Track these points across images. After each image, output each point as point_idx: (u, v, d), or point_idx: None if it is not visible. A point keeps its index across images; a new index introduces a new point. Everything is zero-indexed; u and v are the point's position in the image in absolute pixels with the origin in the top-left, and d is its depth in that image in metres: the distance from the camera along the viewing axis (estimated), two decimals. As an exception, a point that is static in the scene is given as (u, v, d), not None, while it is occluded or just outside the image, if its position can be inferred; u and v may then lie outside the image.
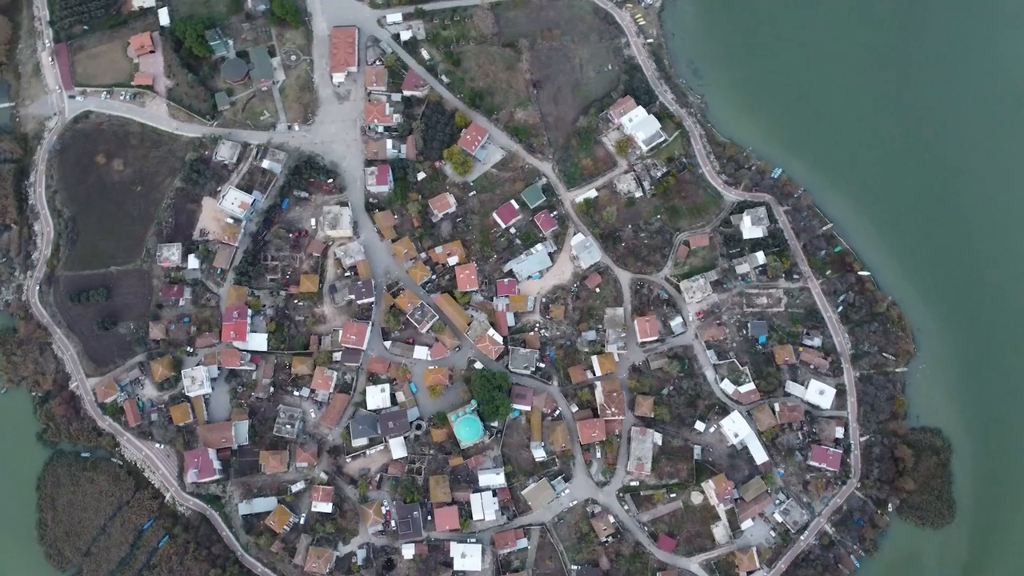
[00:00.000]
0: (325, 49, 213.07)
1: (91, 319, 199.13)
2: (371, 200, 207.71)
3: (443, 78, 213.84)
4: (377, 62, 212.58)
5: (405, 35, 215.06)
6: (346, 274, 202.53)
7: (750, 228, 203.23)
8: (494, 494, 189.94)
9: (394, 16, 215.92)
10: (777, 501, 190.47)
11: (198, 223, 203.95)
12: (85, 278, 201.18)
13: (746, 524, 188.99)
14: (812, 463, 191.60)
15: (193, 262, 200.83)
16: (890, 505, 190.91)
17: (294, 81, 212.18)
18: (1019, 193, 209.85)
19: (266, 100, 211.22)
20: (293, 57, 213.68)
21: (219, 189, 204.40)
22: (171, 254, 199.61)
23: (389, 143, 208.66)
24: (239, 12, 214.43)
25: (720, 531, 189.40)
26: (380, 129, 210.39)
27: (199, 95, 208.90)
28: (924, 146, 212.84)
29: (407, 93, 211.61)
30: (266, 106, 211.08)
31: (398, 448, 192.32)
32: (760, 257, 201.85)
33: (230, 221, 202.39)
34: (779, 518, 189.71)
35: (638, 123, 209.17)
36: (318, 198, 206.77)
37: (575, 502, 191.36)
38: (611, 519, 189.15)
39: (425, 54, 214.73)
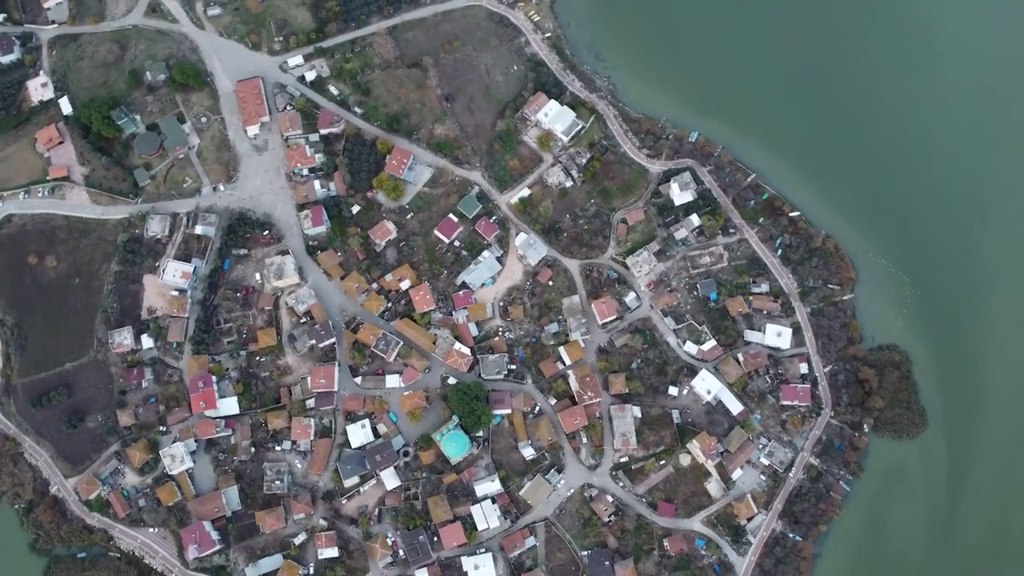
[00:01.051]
0: (233, 105, 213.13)
1: (57, 420, 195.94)
2: (311, 243, 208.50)
3: (356, 110, 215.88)
4: (288, 107, 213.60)
5: (310, 76, 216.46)
6: (302, 321, 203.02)
7: (679, 194, 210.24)
8: (493, 501, 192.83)
9: (295, 59, 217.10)
10: (760, 446, 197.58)
11: (144, 302, 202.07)
12: (43, 381, 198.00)
13: (736, 474, 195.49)
14: (785, 402, 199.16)
15: (147, 342, 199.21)
16: (865, 426, 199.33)
17: (209, 143, 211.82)
18: (922, 107, 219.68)
19: (185, 167, 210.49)
20: (203, 119, 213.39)
21: (158, 264, 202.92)
22: (123, 339, 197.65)
23: (317, 184, 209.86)
24: (140, 86, 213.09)
25: (714, 486, 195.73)
26: (305, 172, 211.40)
27: (117, 176, 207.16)
28: (826, 82, 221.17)
29: (324, 131, 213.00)
30: (187, 173, 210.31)
31: (390, 479, 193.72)
32: (695, 220, 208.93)
33: (175, 293, 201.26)
34: (765, 461, 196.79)
35: (554, 116, 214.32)
36: (258, 252, 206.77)
37: (572, 490, 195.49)
38: (609, 499, 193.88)
39: (334, 90, 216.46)
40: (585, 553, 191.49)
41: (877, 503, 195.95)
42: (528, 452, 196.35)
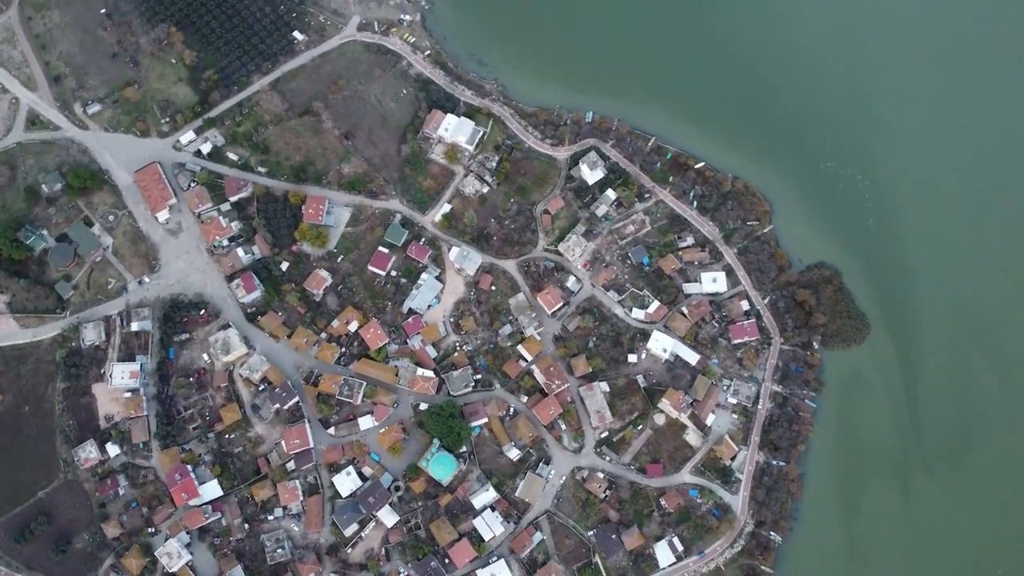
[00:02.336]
0: (137, 196, 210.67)
1: (45, 550, 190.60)
2: (249, 310, 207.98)
3: (260, 170, 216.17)
4: (192, 184, 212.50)
5: (205, 148, 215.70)
6: (261, 388, 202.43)
7: (590, 173, 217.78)
8: (492, 509, 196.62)
9: (187, 136, 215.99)
10: (724, 387, 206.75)
11: (99, 412, 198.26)
12: (20, 516, 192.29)
13: (710, 419, 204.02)
14: (736, 341, 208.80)
15: (113, 450, 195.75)
16: (815, 343, 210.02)
17: (122, 239, 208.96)
18: (789, 32, 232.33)
19: (105, 268, 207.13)
20: (111, 217, 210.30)
21: (103, 371, 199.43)
22: (89, 453, 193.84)
23: (240, 251, 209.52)
24: (39, 201, 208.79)
25: (692, 436, 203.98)
26: (225, 243, 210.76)
27: (39, 295, 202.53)
28: (693, 32, 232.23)
29: (234, 199, 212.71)
30: (108, 274, 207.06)
31: (388, 516, 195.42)
32: (611, 194, 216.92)
33: (128, 395, 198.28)
34: (733, 400, 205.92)
35: (454, 129, 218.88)
36: (200, 333, 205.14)
37: (564, 477, 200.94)
38: (600, 475, 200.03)
39: (233, 156, 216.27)
40: (591, 533, 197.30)
41: (844, 411, 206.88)
42: (513, 453, 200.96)
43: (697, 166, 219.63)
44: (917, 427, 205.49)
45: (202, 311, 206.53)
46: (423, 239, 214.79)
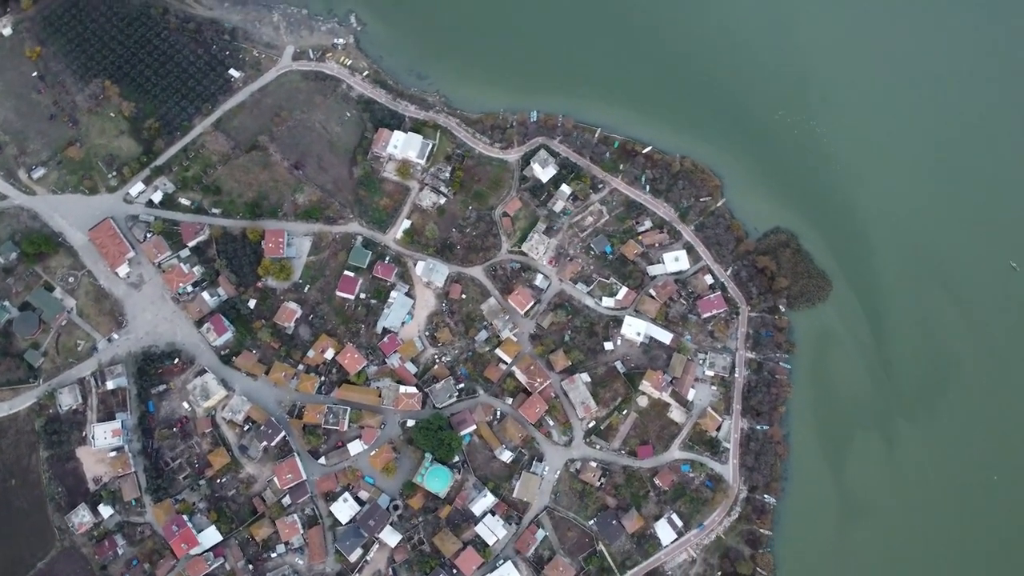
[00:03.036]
0: (94, 254, 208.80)
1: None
2: (223, 352, 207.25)
3: (214, 211, 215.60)
4: (148, 235, 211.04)
5: (156, 197, 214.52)
6: (246, 428, 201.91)
7: (542, 171, 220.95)
8: (493, 513, 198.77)
9: (136, 188, 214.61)
10: (700, 361, 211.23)
11: (87, 475, 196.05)
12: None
13: (691, 394, 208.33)
14: (705, 315, 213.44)
15: (106, 511, 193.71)
16: (781, 306, 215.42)
17: (86, 299, 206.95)
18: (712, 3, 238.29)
19: (72, 331, 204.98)
20: (71, 279, 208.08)
21: (85, 434, 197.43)
22: (82, 518, 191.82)
23: (205, 295, 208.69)
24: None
25: (676, 413, 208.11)
26: (189, 288, 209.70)
27: (9, 366, 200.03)
28: (616, 18, 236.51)
29: (192, 244, 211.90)
30: (76, 336, 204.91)
31: (391, 536, 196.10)
32: (565, 189, 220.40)
33: (113, 454, 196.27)
34: (710, 372, 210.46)
35: (403, 145, 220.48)
36: (177, 382, 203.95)
37: (558, 472, 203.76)
38: (593, 464, 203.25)
39: (185, 201, 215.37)
40: (592, 522, 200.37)
41: (818, 369, 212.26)
42: (506, 455, 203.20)
43: (645, 151, 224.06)
44: (890, 375, 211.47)
45: (176, 360, 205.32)
46: (387, 258, 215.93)
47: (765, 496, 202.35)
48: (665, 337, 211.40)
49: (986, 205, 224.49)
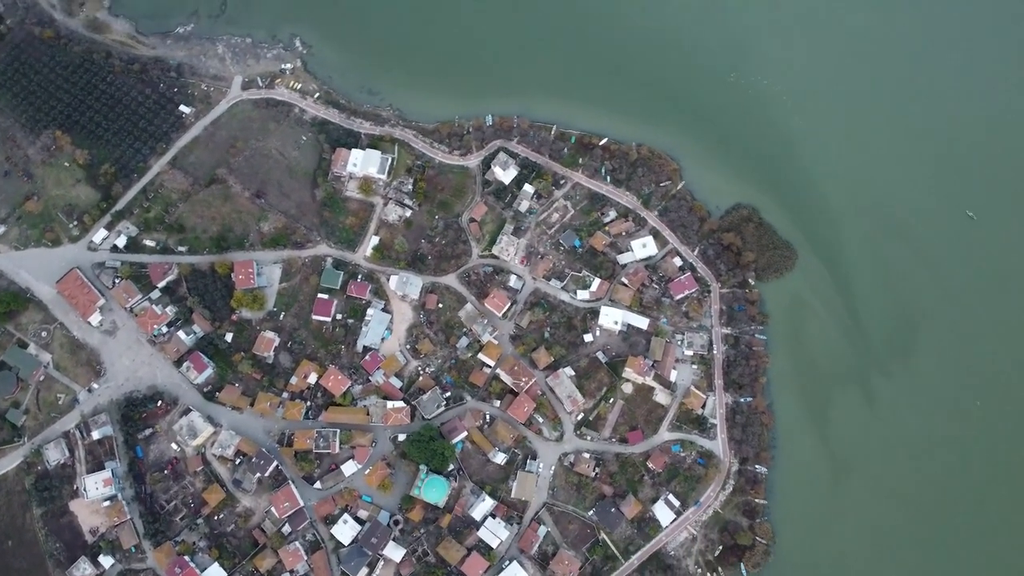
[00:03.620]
0: (64, 306, 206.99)
1: None
2: (206, 389, 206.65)
3: (180, 249, 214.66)
4: (116, 280, 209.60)
5: (121, 241, 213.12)
6: (237, 462, 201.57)
7: (504, 173, 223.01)
8: (493, 516, 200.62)
9: (99, 235, 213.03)
10: (679, 342, 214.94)
11: (83, 527, 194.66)
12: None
13: (673, 375, 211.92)
14: (678, 297, 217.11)
15: (107, 561, 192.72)
16: (750, 280, 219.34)
17: (61, 352, 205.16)
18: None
19: (51, 385, 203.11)
20: (44, 333, 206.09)
21: (76, 486, 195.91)
22: (83, 571, 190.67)
23: (181, 334, 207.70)
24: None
25: (661, 396, 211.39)
26: (164, 329, 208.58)
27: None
28: (564, 12, 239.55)
29: (161, 284, 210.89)
30: (56, 390, 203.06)
31: (394, 552, 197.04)
32: (528, 188, 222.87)
33: (107, 504, 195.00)
34: (689, 352, 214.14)
35: (362, 162, 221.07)
36: (162, 424, 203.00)
37: (553, 467, 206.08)
38: (586, 456, 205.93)
39: (150, 242, 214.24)
40: (591, 512, 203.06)
41: (793, 336, 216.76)
42: (500, 458, 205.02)
43: (601, 143, 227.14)
44: (863, 333, 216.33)
45: (159, 402, 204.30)
46: (360, 276, 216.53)
47: (756, 466, 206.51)
48: (642, 323, 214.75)
49: (939, 158, 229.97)
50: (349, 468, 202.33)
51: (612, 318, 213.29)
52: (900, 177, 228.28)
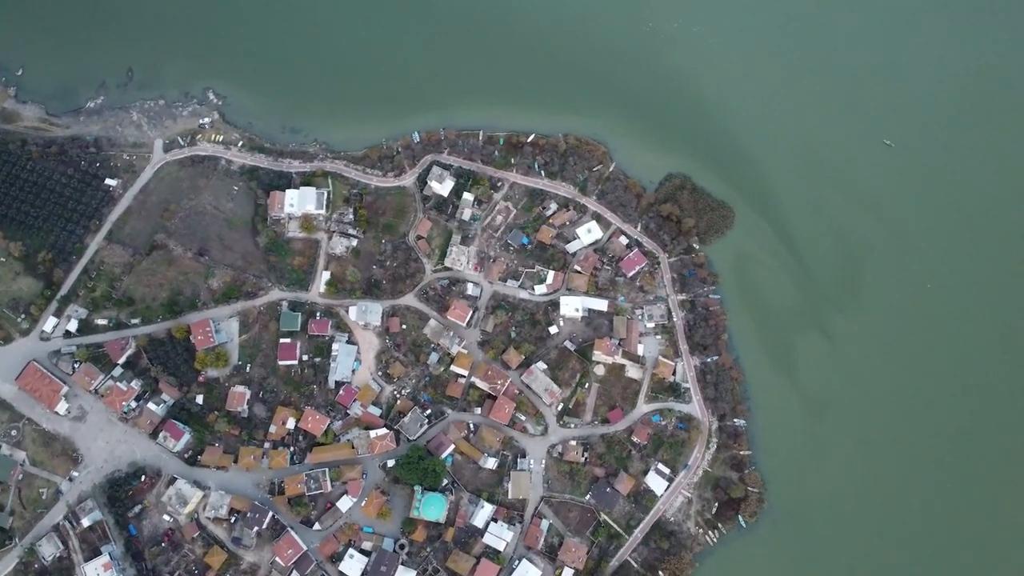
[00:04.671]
0: (29, 400, 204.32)
1: None
2: (187, 455, 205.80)
3: (133, 321, 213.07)
4: (75, 365, 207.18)
5: (72, 326, 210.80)
6: (233, 520, 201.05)
7: (441, 186, 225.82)
8: (495, 520, 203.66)
9: (49, 323, 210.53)
10: (639, 317, 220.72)
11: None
12: None
13: (641, 350, 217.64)
14: (630, 273, 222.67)
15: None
16: (695, 245, 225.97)
17: (35, 447, 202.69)
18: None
19: (32, 482, 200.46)
20: (13, 432, 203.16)
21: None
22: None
23: (151, 406, 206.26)
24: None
25: (633, 371, 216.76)
26: (133, 404, 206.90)
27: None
28: (465, 16, 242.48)
29: (121, 360, 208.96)
30: (36, 486, 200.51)
31: (406, 575, 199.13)
32: (468, 197, 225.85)
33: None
34: (651, 324, 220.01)
35: (298, 201, 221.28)
36: (151, 497, 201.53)
37: (543, 461, 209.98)
38: (573, 443, 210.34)
39: (101, 320, 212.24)
40: (588, 497, 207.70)
41: (745, 289, 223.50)
42: (490, 462, 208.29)
43: (529, 140, 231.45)
44: (810, 275, 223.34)
45: (143, 477, 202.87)
46: (318, 314, 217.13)
47: (735, 420, 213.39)
48: (601, 305, 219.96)
49: (850, 94, 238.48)
50: (345, 503, 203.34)
51: (572, 306, 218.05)
52: (816, 118, 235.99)
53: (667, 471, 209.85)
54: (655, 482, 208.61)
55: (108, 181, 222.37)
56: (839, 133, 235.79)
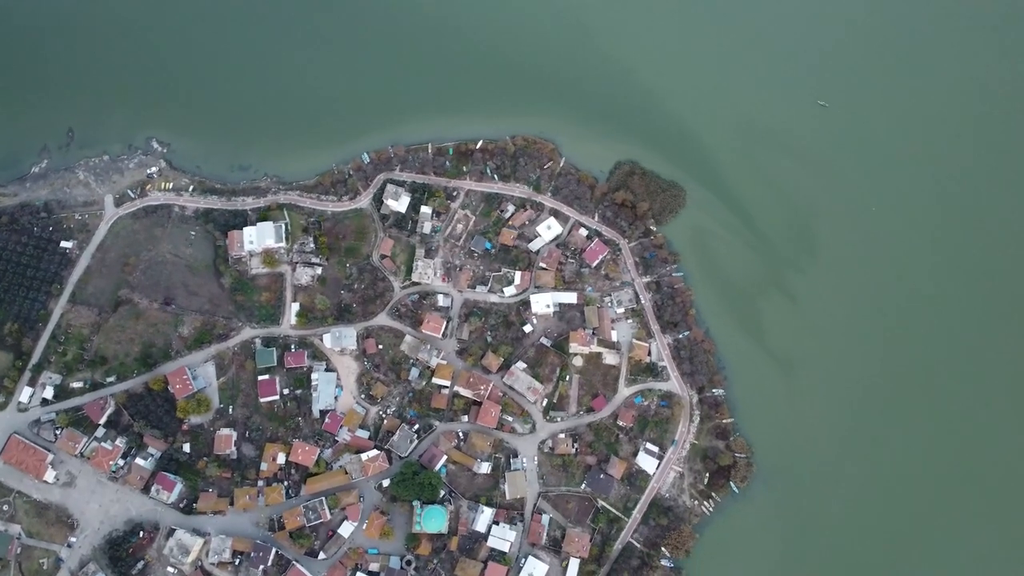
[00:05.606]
0: (16, 473, 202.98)
1: None
2: (182, 504, 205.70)
3: (109, 380, 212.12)
4: (57, 432, 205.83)
5: (48, 393, 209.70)
6: (237, 563, 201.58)
7: (397, 203, 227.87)
8: (497, 523, 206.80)
9: (24, 394, 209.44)
10: (609, 304, 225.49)
11: None
12: None
13: (614, 335, 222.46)
14: (594, 263, 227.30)
15: None
16: (651, 227, 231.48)
17: (28, 518, 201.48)
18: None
19: (31, 554, 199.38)
20: (4, 507, 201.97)
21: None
22: None
23: (139, 461, 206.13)
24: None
25: (610, 358, 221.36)
26: (121, 462, 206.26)
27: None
28: (387, 35, 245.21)
29: (103, 420, 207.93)
30: (36, 557, 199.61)
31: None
32: (425, 210, 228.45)
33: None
34: (621, 309, 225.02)
35: (257, 238, 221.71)
36: (152, 552, 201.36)
37: (536, 458, 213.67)
38: (562, 436, 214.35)
39: (77, 384, 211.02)
40: (583, 486, 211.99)
41: (706, 263, 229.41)
42: (484, 467, 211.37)
43: (478, 146, 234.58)
44: (766, 241, 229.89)
45: (141, 533, 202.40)
46: (293, 346, 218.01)
47: (713, 391, 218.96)
48: (571, 298, 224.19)
49: (781, 59, 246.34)
50: (346, 529, 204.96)
51: (543, 303, 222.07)
52: (750, 88, 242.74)
53: (656, 449, 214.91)
54: (646, 462, 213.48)
55: (64, 244, 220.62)
56: (775, 100, 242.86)
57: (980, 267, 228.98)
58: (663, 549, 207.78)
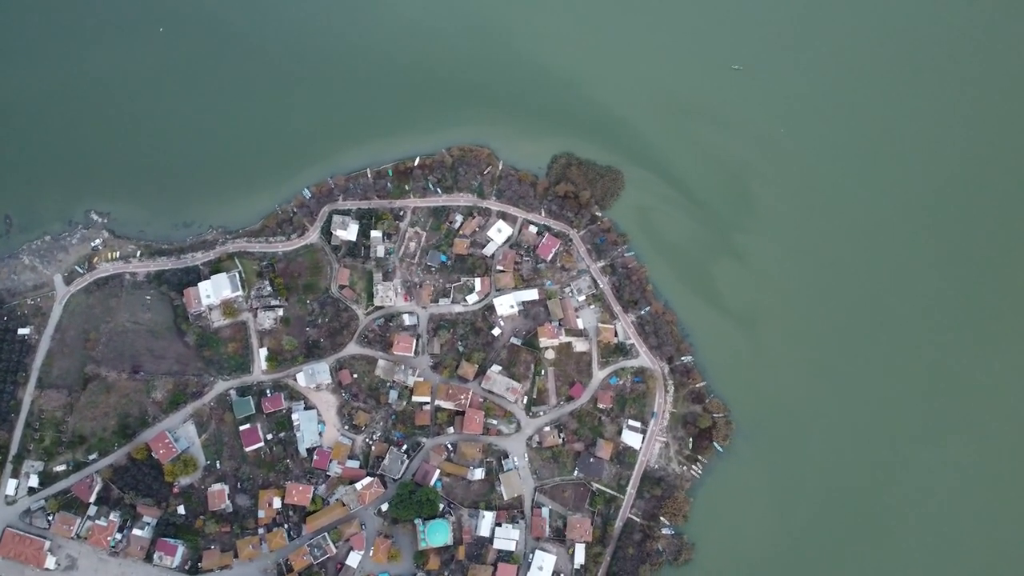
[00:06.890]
0: (16, 566, 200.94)
1: None
2: (186, 567, 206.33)
3: (91, 457, 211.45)
4: (50, 518, 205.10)
5: (33, 482, 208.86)
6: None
7: (346, 232, 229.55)
8: (499, 525, 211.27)
9: (9, 487, 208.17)
10: (570, 294, 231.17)
11: None
12: None
13: (580, 323, 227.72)
14: (548, 257, 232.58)
15: None
16: (598, 214, 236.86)
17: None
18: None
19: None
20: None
21: None
22: None
23: (136, 531, 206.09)
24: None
25: (579, 345, 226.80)
26: (118, 536, 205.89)
27: None
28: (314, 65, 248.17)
29: (93, 498, 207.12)
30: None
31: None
32: (376, 234, 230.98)
33: None
34: (582, 297, 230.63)
35: (213, 291, 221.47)
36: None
37: (526, 454, 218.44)
38: (547, 429, 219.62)
39: (60, 467, 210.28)
40: (576, 473, 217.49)
41: (654, 239, 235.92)
42: (478, 473, 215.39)
43: (416, 163, 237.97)
44: (706, 208, 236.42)
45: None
46: (268, 391, 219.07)
47: (682, 359, 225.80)
48: (532, 295, 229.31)
49: (693, 28, 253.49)
50: (354, 559, 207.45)
51: (506, 304, 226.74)
52: (666, 62, 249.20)
53: (638, 424, 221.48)
54: (631, 438, 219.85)
55: (21, 331, 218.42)
56: (692, 72, 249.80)
57: (908, 193, 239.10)
58: (662, 518, 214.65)
